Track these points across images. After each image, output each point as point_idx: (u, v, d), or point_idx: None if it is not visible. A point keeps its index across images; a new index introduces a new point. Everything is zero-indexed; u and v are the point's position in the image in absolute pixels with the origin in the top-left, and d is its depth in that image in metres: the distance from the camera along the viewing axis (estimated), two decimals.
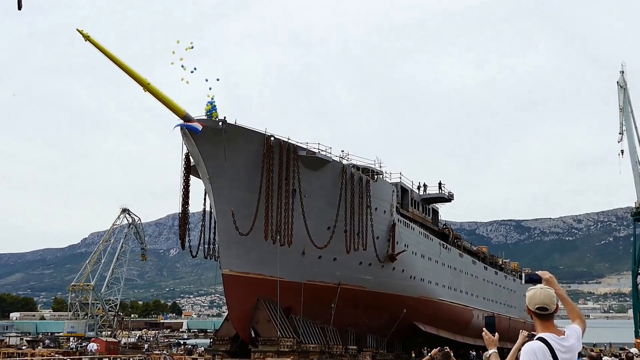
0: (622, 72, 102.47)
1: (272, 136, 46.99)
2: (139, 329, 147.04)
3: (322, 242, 49.11)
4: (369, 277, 55.87)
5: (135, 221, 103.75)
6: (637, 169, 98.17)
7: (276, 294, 47.67)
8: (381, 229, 55.50)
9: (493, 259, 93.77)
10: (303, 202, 47.36)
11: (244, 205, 45.79)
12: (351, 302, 53.71)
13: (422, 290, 63.47)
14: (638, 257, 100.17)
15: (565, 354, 5.05)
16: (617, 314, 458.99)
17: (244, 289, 48.04)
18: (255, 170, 46.03)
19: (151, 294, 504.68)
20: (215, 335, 54.51)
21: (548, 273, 5.65)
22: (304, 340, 49.36)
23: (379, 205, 55.55)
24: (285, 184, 46.56)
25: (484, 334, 6.16)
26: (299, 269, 50.09)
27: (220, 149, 44.94)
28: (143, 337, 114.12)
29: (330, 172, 50.81)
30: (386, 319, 57.40)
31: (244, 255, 47.80)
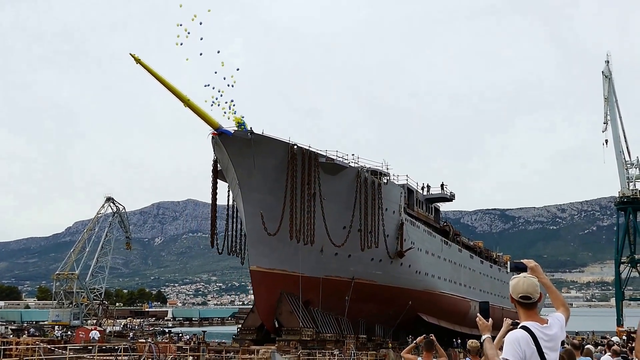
0: (607, 61, 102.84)
1: (295, 145, 51.34)
2: (124, 317, 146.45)
3: (339, 241, 53.49)
4: (379, 272, 60.36)
5: (119, 210, 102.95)
6: (621, 159, 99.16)
7: (298, 288, 51.85)
8: (391, 228, 60.12)
9: (488, 253, 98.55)
10: (323, 205, 51.66)
11: (269, 208, 50.16)
12: (363, 295, 58.06)
13: (426, 283, 68.04)
14: (621, 246, 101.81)
15: (549, 343, 5.01)
16: (599, 302, 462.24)
17: (269, 283, 52.83)
18: (280, 176, 50.29)
19: (136, 283, 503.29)
20: (242, 326, 58.70)
21: (533, 261, 5.60)
22: (322, 330, 54.02)
23: (389, 206, 60.00)
24: (308, 188, 50.84)
25: (478, 319, 6.23)
26: (318, 265, 54.44)
27: (249, 157, 49.53)
28: (128, 325, 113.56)
29: (347, 177, 55.31)
30: (393, 311, 61.52)
31: (269, 253, 52.22)
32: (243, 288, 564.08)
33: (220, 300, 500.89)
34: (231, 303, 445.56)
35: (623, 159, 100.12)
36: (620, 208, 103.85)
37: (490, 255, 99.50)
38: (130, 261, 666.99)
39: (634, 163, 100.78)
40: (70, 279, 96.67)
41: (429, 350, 11.53)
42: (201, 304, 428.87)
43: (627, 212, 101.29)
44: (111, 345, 48.30)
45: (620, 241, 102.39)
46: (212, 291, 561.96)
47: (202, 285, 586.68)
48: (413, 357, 12.01)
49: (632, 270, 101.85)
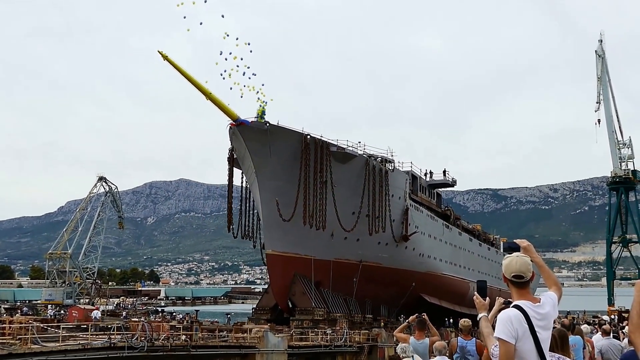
0: (601, 41, 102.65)
1: (309, 135, 54.22)
2: (116, 296, 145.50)
3: (349, 226, 56.58)
4: (385, 255, 63.21)
5: (112, 189, 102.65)
6: (614, 138, 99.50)
7: (310, 270, 55.57)
8: (396, 213, 62.97)
9: (485, 236, 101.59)
10: (334, 191, 54.63)
11: (284, 195, 53.11)
12: (370, 277, 61.22)
13: (428, 266, 70.81)
14: (613, 226, 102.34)
15: (541, 321, 5.01)
16: (591, 282, 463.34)
17: (283, 266, 56.13)
18: (294, 164, 53.15)
19: (129, 262, 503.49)
20: (257, 306, 61.92)
21: (526, 241, 5.59)
22: (332, 310, 57.16)
23: (395, 192, 62.83)
24: (320, 176, 53.87)
25: (475, 297, 6.27)
26: (329, 249, 57.49)
27: (265, 146, 52.57)
28: (121, 304, 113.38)
29: (356, 165, 58.09)
30: (398, 292, 64.41)
31: (284, 237, 55.24)
32: (236, 267, 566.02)
33: (213, 279, 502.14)
34: (224, 282, 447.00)
35: (615, 139, 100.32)
36: (612, 188, 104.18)
37: (488, 237, 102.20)
38: (122, 240, 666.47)
39: (626, 143, 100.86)
40: (63, 258, 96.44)
41: (421, 329, 11.56)
42: (194, 283, 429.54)
43: (619, 192, 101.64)
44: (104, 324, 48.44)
45: (612, 221, 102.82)
46: (204, 270, 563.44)
47: (195, 265, 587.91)
48: (405, 336, 12.11)
49: (624, 250, 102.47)
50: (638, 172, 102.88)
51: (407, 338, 11.82)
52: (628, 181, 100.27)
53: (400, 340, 12.00)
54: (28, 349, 29.90)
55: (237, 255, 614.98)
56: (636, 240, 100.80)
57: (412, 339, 11.58)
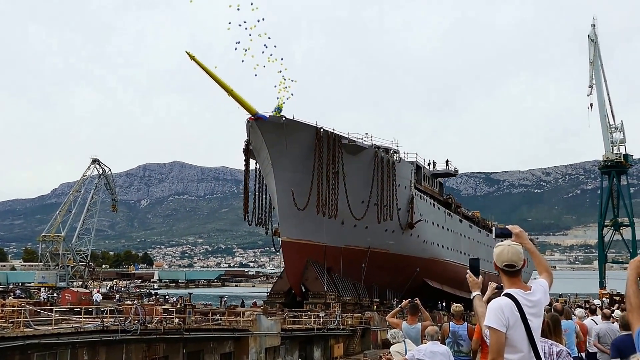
0: (594, 25, 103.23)
1: (322, 128, 57.33)
2: (110, 279, 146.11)
3: (359, 214, 59.72)
4: (392, 242, 66.32)
5: (105, 172, 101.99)
6: (606, 123, 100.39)
7: (322, 257, 58.40)
8: (403, 202, 66.07)
9: (484, 222, 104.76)
10: (345, 182, 57.77)
11: (299, 185, 56.26)
12: (377, 262, 64.27)
13: (431, 252, 74.07)
14: (604, 209, 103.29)
15: (532, 309, 5.03)
16: (582, 265, 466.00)
17: (297, 252, 59.40)
18: (308, 156, 56.27)
19: (122, 245, 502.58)
20: (272, 290, 65.09)
21: (518, 227, 5.57)
22: (342, 294, 60.37)
23: (401, 182, 65.96)
24: (332, 167, 57.08)
25: (468, 276, 6.22)
26: (339, 236, 60.36)
27: (281, 139, 55.63)
28: (114, 287, 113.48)
29: (366, 157, 61.12)
30: (403, 277, 67.58)
31: (298, 225, 58.32)
32: (229, 250, 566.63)
33: (206, 262, 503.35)
34: (217, 265, 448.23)
35: (607, 123, 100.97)
36: (604, 172, 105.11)
37: (487, 224, 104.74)
38: (116, 223, 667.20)
39: (618, 127, 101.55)
40: (56, 241, 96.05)
41: (413, 314, 11.60)
42: (187, 266, 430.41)
43: (611, 175, 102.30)
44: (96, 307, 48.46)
45: (604, 204, 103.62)
46: (198, 253, 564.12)
47: (189, 248, 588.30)
48: (398, 321, 12.08)
49: (615, 234, 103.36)
50: (630, 156, 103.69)
51: (399, 323, 11.84)
52: (620, 165, 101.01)
53: (393, 325, 11.97)
54: (21, 332, 29.73)
55: (231, 238, 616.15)
56: (627, 224, 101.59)
57: (405, 324, 11.69)
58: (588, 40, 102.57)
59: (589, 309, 18.12)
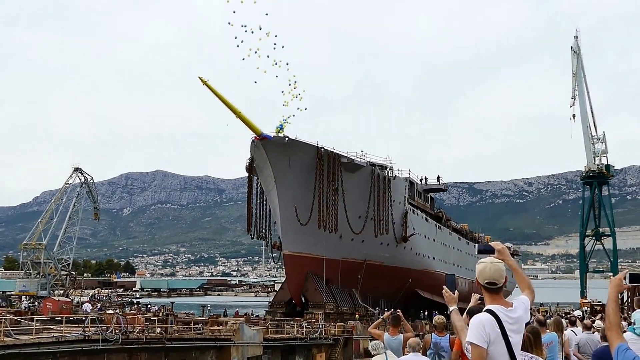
0: (577, 37, 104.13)
1: (322, 148, 60.60)
2: (92, 288, 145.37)
3: (357, 229, 63.06)
4: (387, 255, 69.51)
5: (87, 180, 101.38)
6: (588, 134, 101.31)
7: (322, 269, 61.06)
8: (397, 217, 69.47)
9: (471, 235, 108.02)
10: (344, 198, 60.89)
11: (301, 201, 59.29)
12: (373, 274, 67.04)
13: (423, 264, 77.46)
14: (586, 219, 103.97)
15: (513, 325, 5.05)
16: (564, 274, 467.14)
17: (298, 265, 62.42)
18: (310, 174, 59.29)
19: (104, 253, 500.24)
20: (273, 300, 68.19)
21: (501, 244, 5.57)
22: (340, 304, 63.17)
23: (396, 197, 69.16)
24: (333, 184, 60.25)
25: (444, 291, 6.36)
26: (337, 249, 63.28)
27: (285, 158, 58.66)
28: (96, 296, 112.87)
29: (363, 174, 64.36)
30: (396, 287, 70.54)
31: (299, 239, 61.46)
32: (212, 259, 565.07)
33: (189, 271, 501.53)
34: (200, 274, 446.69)
35: (590, 134, 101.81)
36: (586, 182, 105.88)
37: (474, 236, 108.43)
38: (98, 232, 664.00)
39: (600, 138, 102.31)
40: (37, 249, 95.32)
41: (395, 325, 11.59)
42: (170, 275, 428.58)
43: (593, 186, 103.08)
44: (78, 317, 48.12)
45: (586, 215, 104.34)
46: (180, 262, 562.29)
47: (171, 256, 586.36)
48: (380, 332, 12.06)
49: (596, 243, 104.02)
50: (611, 166, 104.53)
51: (381, 334, 11.85)
52: (601, 176, 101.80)
53: (375, 336, 11.99)
54: (1, 341, 29.57)
55: (214, 247, 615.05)
56: (609, 234, 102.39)
57: (387, 335, 11.70)
58: (571, 51, 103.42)
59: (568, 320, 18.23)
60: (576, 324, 15.72)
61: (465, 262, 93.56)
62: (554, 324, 12.16)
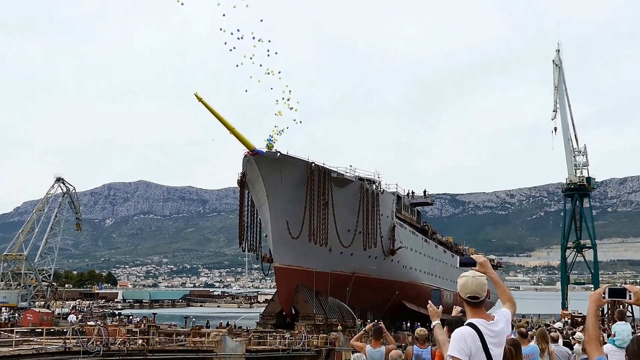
0: (558, 50, 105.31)
1: (313, 163, 61.76)
2: (73, 299, 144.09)
3: (346, 242, 64.22)
4: (374, 267, 70.62)
5: (69, 190, 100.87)
6: (569, 146, 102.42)
7: (312, 281, 62.70)
8: (385, 230, 70.64)
9: (456, 247, 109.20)
10: (334, 212, 61.90)
11: (292, 215, 60.43)
12: (361, 286, 68.09)
13: (410, 276, 78.71)
14: (567, 231, 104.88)
15: (494, 339, 5.08)
16: (545, 286, 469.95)
17: (288, 277, 63.42)
18: (301, 188, 60.44)
19: (86, 264, 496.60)
20: (264, 312, 69.05)
21: (482, 257, 5.61)
22: (329, 316, 64.07)
23: (384, 211, 70.38)
24: (323, 198, 61.23)
25: (428, 306, 6.48)
26: (327, 262, 64.43)
27: (276, 173, 59.85)
28: (77, 307, 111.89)
29: (352, 188, 65.60)
30: (383, 299, 71.30)
31: (290, 252, 62.41)
32: (194, 270, 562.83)
33: (171, 282, 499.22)
34: (182, 285, 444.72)
35: (571, 147, 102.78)
36: (567, 194, 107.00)
37: (459, 249, 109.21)
38: (80, 242, 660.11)
39: (581, 150, 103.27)
40: (18, 260, 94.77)
41: (377, 338, 11.61)
42: (152, 286, 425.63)
43: (574, 198, 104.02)
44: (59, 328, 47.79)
45: (567, 227, 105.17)
46: (163, 273, 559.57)
47: (153, 267, 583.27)
48: (362, 344, 12.02)
49: (578, 255, 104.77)
50: (592, 179, 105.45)
51: (363, 347, 11.81)
52: (582, 188, 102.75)
53: (357, 348, 11.97)
54: None
55: (196, 258, 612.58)
56: (589, 246, 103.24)
57: (369, 348, 11.62)
58: (553, 65, 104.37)
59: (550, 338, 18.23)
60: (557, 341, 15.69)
61: (451, 275, 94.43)
62: (539, 335, 12.25)
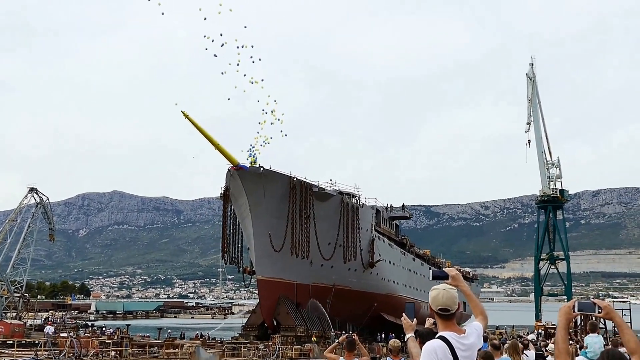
0: (532, 64, 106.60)
1: (295, 177, 63.31)
2: (45, 310, 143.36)
3: (327, 255, 65.78)
4: (354, 280, 72.19)
5: (43, 200, 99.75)
6: (543, 159, 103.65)
7: (293, 293, 64.14)
8: (365, 243, 72.33)
9: (433, 260, 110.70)
10: (315, 226, 63.39)
11: (274, 229, 61.71)
12: (341, 298, 69.42)
13: (388, 288, 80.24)
14: (541, 243, 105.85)
15: (465, 352, 5.08)
16: (519, 297, 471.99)
17: (270, 289, 64.49)
18: (283, 202, 61.77)
19: (59, 275, 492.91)
20: (246, 324, 69.53)
21: (454, 270, 5.62)
22: (310, 327, 65.00)
23: (364, 225, 71.94)
24: (305, 213, 62.78)
25: (403, 319, 6.55)
26: (308, 274, 65.76)
27: (259, 187, 61.04)
28: (50, 318, 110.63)
29: (333, 203, 67.13)
30: (363, 311, 73.15)
31: (272, 265, 63.60)
32: (169, 281, 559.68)
33: (145, 293, 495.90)
34: (156, 296, 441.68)
35: (544, 159, 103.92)
36: (541, 206, 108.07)
37: (436, 262, 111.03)
38: (53, 253, 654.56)
39: (554, 163, 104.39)
40: None
41: (350, 350, 11.62)
42: (125, 297, 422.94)
43: (548, 210, 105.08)
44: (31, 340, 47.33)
45: (540, 238, 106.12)
46: (137, 284, 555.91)
47: (127, 278, 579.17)
48: (335, 357, 11.98)
49: (551, 267, 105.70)
50: (565, 191, 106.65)
51: (336, 358, 11.79)
52: (556, 200, 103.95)
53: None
54: None
55: (170, 269, 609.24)
56: (563, 258, 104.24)
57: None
58: (526, 78, 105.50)
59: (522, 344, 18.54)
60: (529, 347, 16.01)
61: (428, 287, 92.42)
62: (511, 348, 12.38)
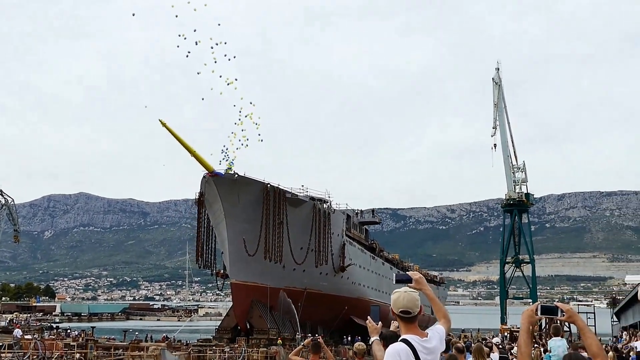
0: (498, 69, 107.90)
1: (269, 184, 64.55)
2: (10, 312, 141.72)
3: (298, 259, 67.09)
4: (325, 284, 73.72)
5: (8, 202, 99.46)
6: (508, 163, 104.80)
7: (266, 297, 65.28)
8: (335, 248, 74.18)
9: (402, 264, 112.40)
10: (288, 231, 64.95)
11: (249, 234, 63.01)
12: (312, 302, 70.45)
13: (359, 292, 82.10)
14: (506, 246, 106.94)
15: (428, 355, 5.13)
16: (485, 300, 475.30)
17: (244, 293, 65.75)
18: (257, 208, 63.08)
19: (24, 277, 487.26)
20: (220, 326, 70.88)
21: (418, 273, 5.75)
22: (282, 330, 66.23)
23: (335, 230, 73.70)
24: (278, 218, 64.11)
25: (367, 322, 6.65)
26: (280, 278, 67.23)
27: (234, 193, 62.38)
28: (14, 320, 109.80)
29: (305, 208, 68.79)
30: (333, 314, 74.48)
31: (245, 269, 64.98)
32: (134, 283, 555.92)
33: (110, 295, 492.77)
34: (122, 298, 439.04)
35: (510, 163, 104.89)
36: (506, 210, 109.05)
37: (405, 266, 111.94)
38: (18, 254, 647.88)
39: (520, 167, 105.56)
40: None
41: (316, 352, 11.65)
42: (91, 299, 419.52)
43: (513, 213, 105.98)
44: None
45: (506, 242, 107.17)
46: (102, 286, 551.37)
47: (93, 280, 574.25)
48: (300, 359, 12.12)
49: (516, 270, 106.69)
50: (531, 195, 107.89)
51: None
52: (521, 204, 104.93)
53: None
54: None
55: (136, 271, 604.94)
56: (528, 261, 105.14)
57: None
58: (492, 83, 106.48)
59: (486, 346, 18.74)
60: (492, 350, 16.16)
61: None
62: (476, 351, 12.48)
